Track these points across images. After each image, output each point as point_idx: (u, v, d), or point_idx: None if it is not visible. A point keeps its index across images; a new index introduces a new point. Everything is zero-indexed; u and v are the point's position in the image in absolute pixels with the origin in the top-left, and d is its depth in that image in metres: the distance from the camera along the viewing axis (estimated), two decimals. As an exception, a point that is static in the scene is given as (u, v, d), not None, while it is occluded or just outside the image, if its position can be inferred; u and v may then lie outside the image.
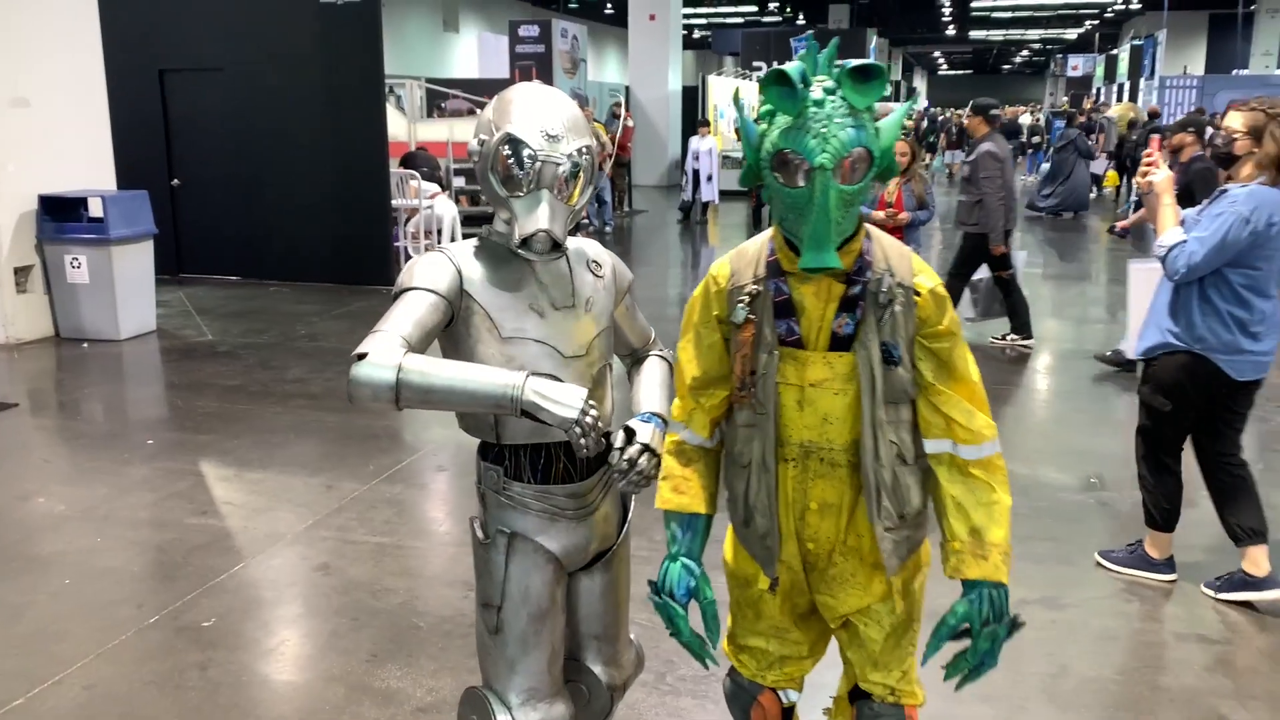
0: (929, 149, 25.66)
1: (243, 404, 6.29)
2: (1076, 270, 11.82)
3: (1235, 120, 3.66)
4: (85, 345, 7.81)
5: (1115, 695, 3.18)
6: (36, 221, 7.81)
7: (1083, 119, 20.62)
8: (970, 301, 7.56)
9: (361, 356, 1.83)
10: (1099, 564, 4.07)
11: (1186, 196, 5.56)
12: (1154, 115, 17.89)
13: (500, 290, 1.99)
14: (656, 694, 3.18)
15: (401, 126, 13.01)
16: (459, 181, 13.38)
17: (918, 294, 1.87)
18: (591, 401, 1.87)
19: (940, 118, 32.52)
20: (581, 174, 1.98)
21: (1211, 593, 3.80)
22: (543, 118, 1.95)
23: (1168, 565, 3.93)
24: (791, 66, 1.75)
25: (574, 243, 2.13)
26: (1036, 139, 23.97)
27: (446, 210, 11.33)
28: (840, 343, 1.87)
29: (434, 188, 11.47)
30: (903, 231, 6.44)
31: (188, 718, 3.06)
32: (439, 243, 10.86)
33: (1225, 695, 3.17)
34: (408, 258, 11.26)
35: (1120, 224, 7.99)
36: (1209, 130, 6.82)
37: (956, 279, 7.39)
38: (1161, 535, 3.93)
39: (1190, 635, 3.54)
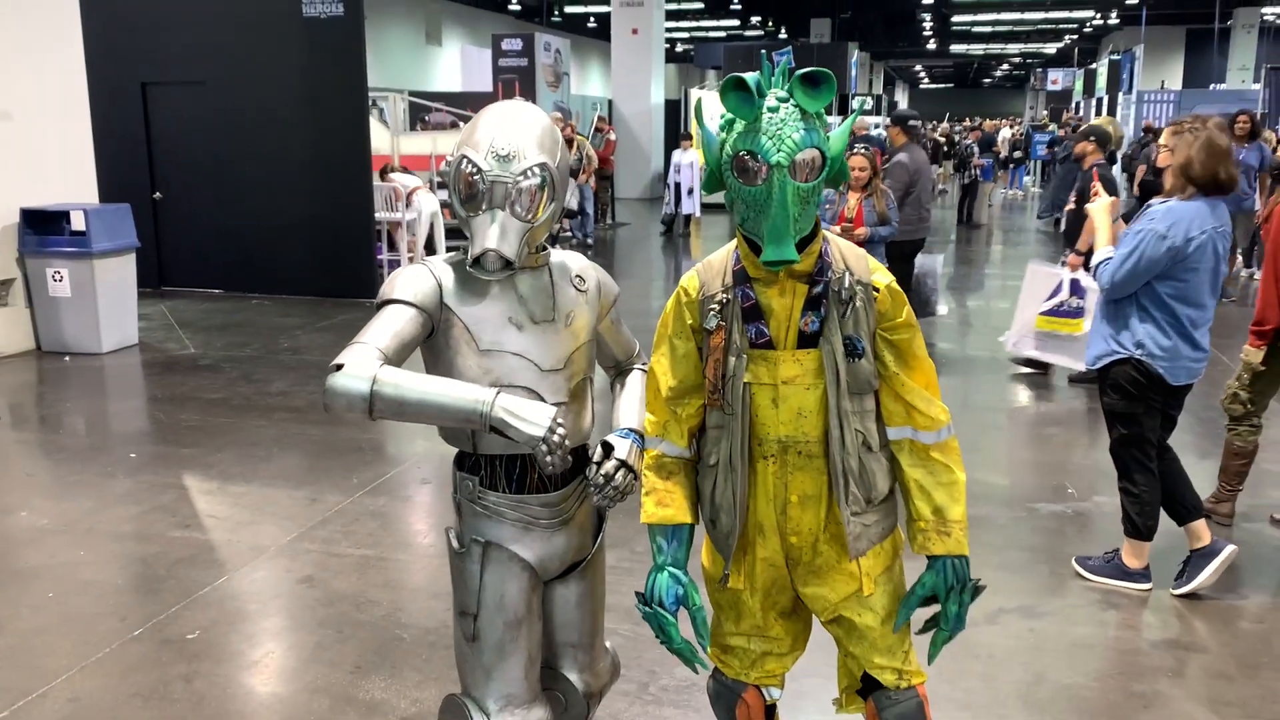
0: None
1: (226, 417, 6.29)
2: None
3: (1164, 136, 3.97)
4: (67, 359, 7.80)
5: (1091, 702, 3.23)
6: (18, 234, 7.80)
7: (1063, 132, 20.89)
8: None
9: (339, 367, 1.87)
10: (1076, 572, 4.12)
11: (1085, 200, 5.94)
12: (1149, 130, 18.13)
13: (479, 303, 2.04)
14: (639, 704, 3.21)
15: (384, 139, 13.02)
16: (442, 195, 13.40)
17: (876, 290, 2.01)
18: (560, 420, 1.91)
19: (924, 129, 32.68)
20: (542, 191, 2.02)
21: (1175, 590, 3.91)
22: (497, 138, 1.99)
23: (1144, 575, 3.99)
24: (749, 75, 1.86)
25: (558, 257, 2.17)
26: (1018, 153, 24.13)
27: (426, 204, 11.34)
28: (807, 340, 1.98)
29: (416, 181, 11.49)
30: (866, 247, 6.48)
31: (172, 730, 3.08)
32: (420, 237, 10.97)
33: (1199, 701, 3.23)
34: (391, 270, 11.29)
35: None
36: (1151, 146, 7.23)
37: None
38: (1141, 544, 3.98)
39: (1165, 642, 3.60)
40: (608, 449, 2.09)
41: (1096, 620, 3.76)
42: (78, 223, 7.83)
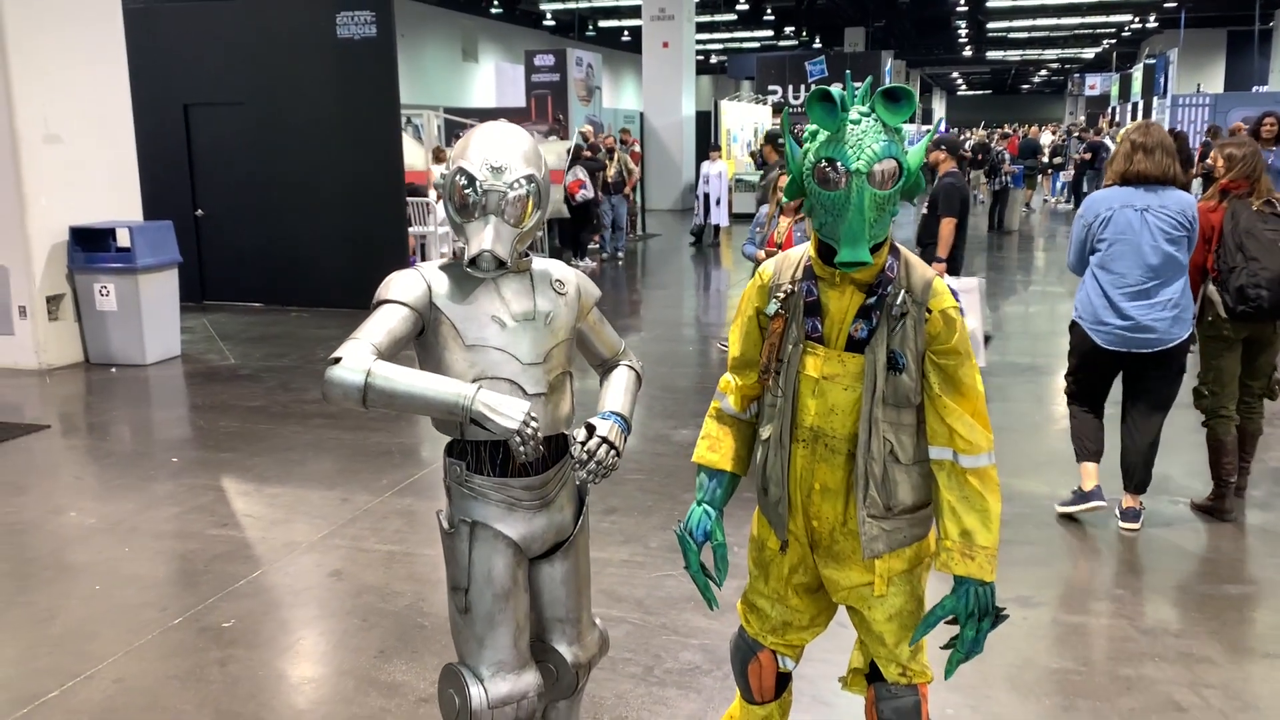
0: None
1: (263, 424, 6.56)
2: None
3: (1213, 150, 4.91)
4: (113, 370, 8.13)
5: (1076, 685, 3.36)
6: (67, 252, 8.15)
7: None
8: None
9: (337, 360, 2.09)
10: (1058, 513, 4.78)
11: (933, 207, 7.34)
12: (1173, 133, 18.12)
13: (465, 303, 2.25)
14: (644, 685, 3.39)
15: (419, 156, 13.36)
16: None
17: (929, 312, 2.10)
18: (533, 414, 2.12)
19: (962, 136, 32.55)
20: (530, 199, 2.24)
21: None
22: (489, 152, 2.22)
23: (1095, 494, 4.65)
24: (833, 89, 2.03)
25: (540, 264, 2.39)
26: (1059, 159, 24.04)
27: None
28: (855, 345, 2.12)
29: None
30: None
31: (209, 708, 3.30)
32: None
33: (1181, 684, 3.35)
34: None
35: None
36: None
37: None
38: (1086, 466, 4.72)
39: (1154, 630, 3.72)
40: (590, 429, 2.29)
41: (1089, 610, 3.90)
42: (123, 240, 8.17)
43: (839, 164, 2.00)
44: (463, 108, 22.24)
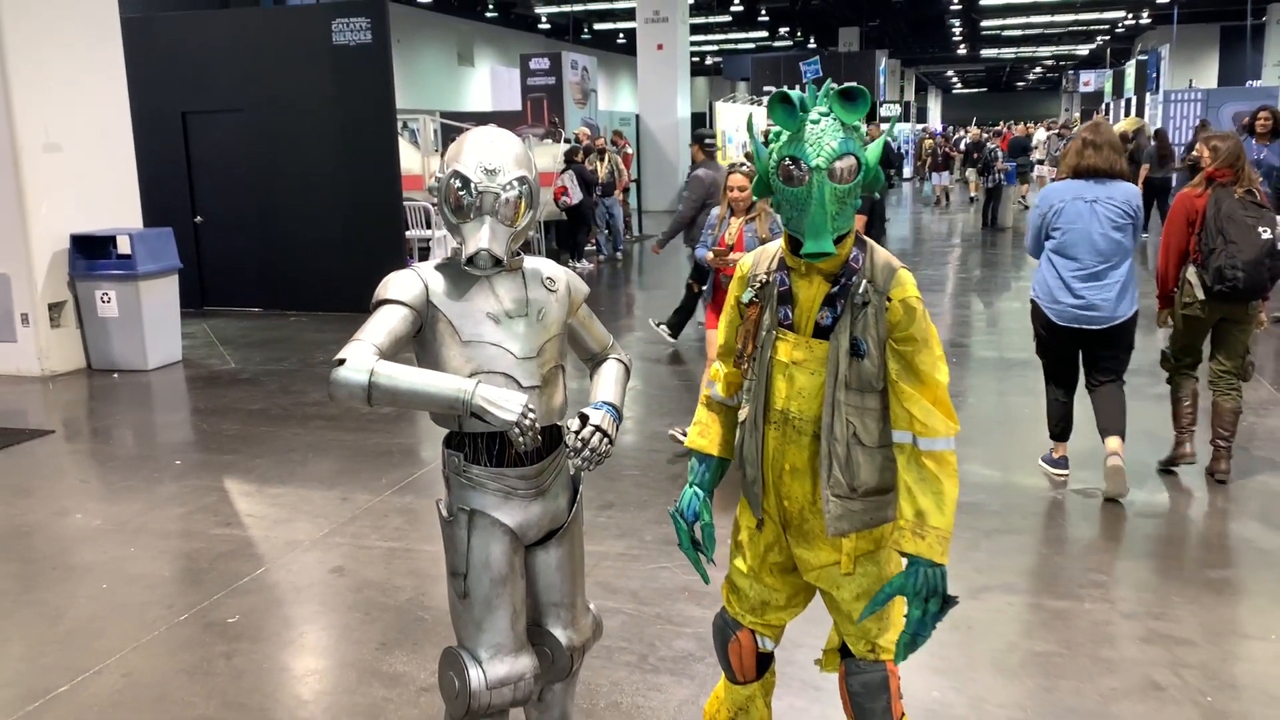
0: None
1: (264, 426, 6.66)
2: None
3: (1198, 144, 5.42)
4: (115, 375, 8.22)
5: (1058, 667, 3.46)
6: (69, 259, 8.25)
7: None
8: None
9: (341, 361, 2.19)
10: (1041, 466, 5.38)
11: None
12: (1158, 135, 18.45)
13: (461, 301, 2.35)
14: (639, 673, 3.48)
15: (415, 160, 13.45)
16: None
17: (890, 300, 2.20)
18: (530, 407, 2.22)
19: (957, 135, 32.61)
20: (522, 200, 2.35)
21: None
22: (483, 156, 2.33)
23: (1060, 463, 5.29)
24: (793, 92, 2.16)
25: (531, 262, 2.49)
26: (1039, 156, 24.16)
27: None
28: (821, 332, 2.23)
29: None
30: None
31: (216, 699, 3.40)
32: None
33: (1162, 665, 3.45)
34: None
35: None
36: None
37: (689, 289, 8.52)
38: (1056, 444, 5.31)
39: (1137, 613, 3.82)
40: (584, 419, 2.40)
41: (1073, 595, 3.99)
42: (124, 247, 8.27)
43: (801, 161, 2.12)
44: (459, 112, 22.34)
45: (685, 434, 5.57)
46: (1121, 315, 4.84)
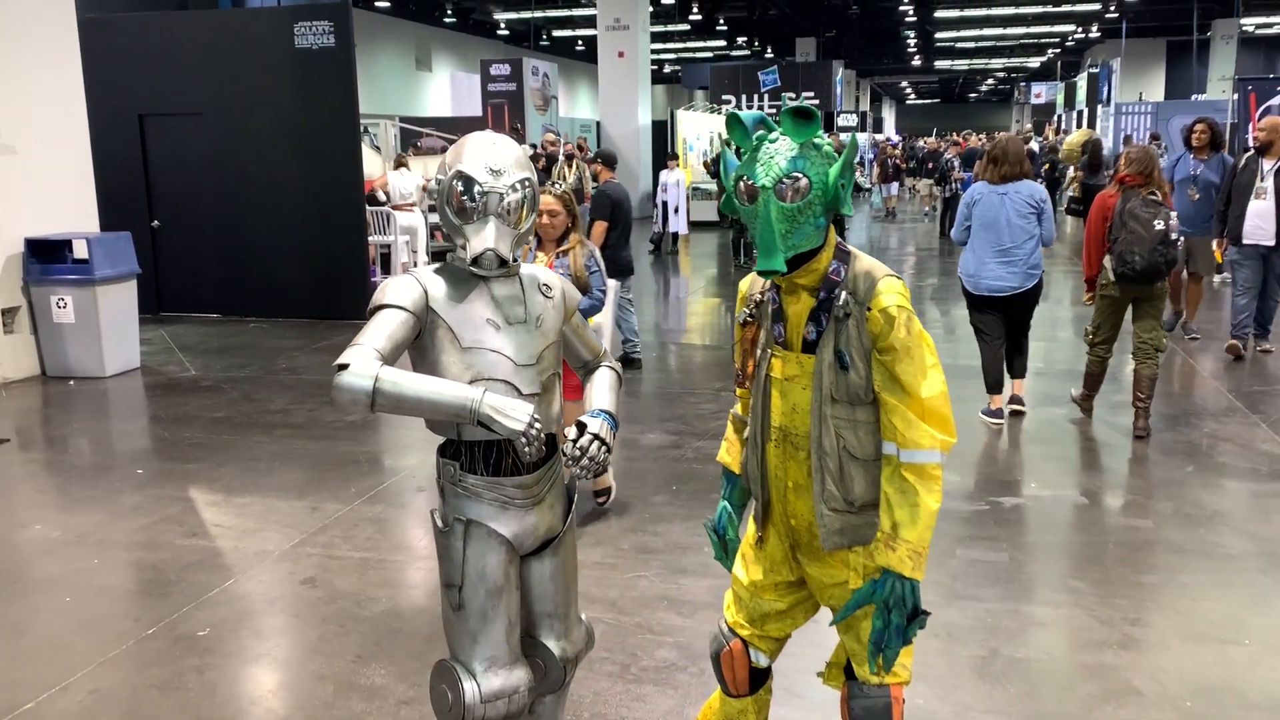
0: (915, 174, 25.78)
1: (228, 435, 6.54)
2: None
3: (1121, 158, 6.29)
4: (71, 383, 8.04)
5: (1040, 674, 3.48)
6: (23, 263, 8.06)
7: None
8: None
9: (344, 366, 2.14)
10: (981, 418, 6.42)
11: (598, 208, 8.17)
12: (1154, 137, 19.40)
13: (461, 307, 2.31)
14: (621, 683, 3.45)
15: (376, 165, 13.34)
16: (434, 217, 13.75)
17: (869, 310, 2.18)
18: (537, 415, 2.19)
19: (916, 143, 32.86)
20: (525, 202, 2.33)
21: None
22: (488, 157, 2.30)
23: (996, 414, 6.43)
24: (746, 113, 2.19)
25: (527, 269, 2.45)
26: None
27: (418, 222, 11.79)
28: (809, 346, 2.23)
29: (414, 190, 11.91)
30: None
31: (188, 715, 3.31)
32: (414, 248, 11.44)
33: (1138, 670, 3.48)
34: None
35: None
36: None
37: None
38: (992, 396, 6.43)
39: (1114, 619, 3.85)
40: (581, 427, 2.36)
41: (1050, 601, 4.02)
42: (80, 251, 8.10)
43: (751, 181, 2.14)
44: (418, 117, 22.19)
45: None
46: (1027, 286, 6.14)
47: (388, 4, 27.96)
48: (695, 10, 31.17)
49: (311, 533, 4.84)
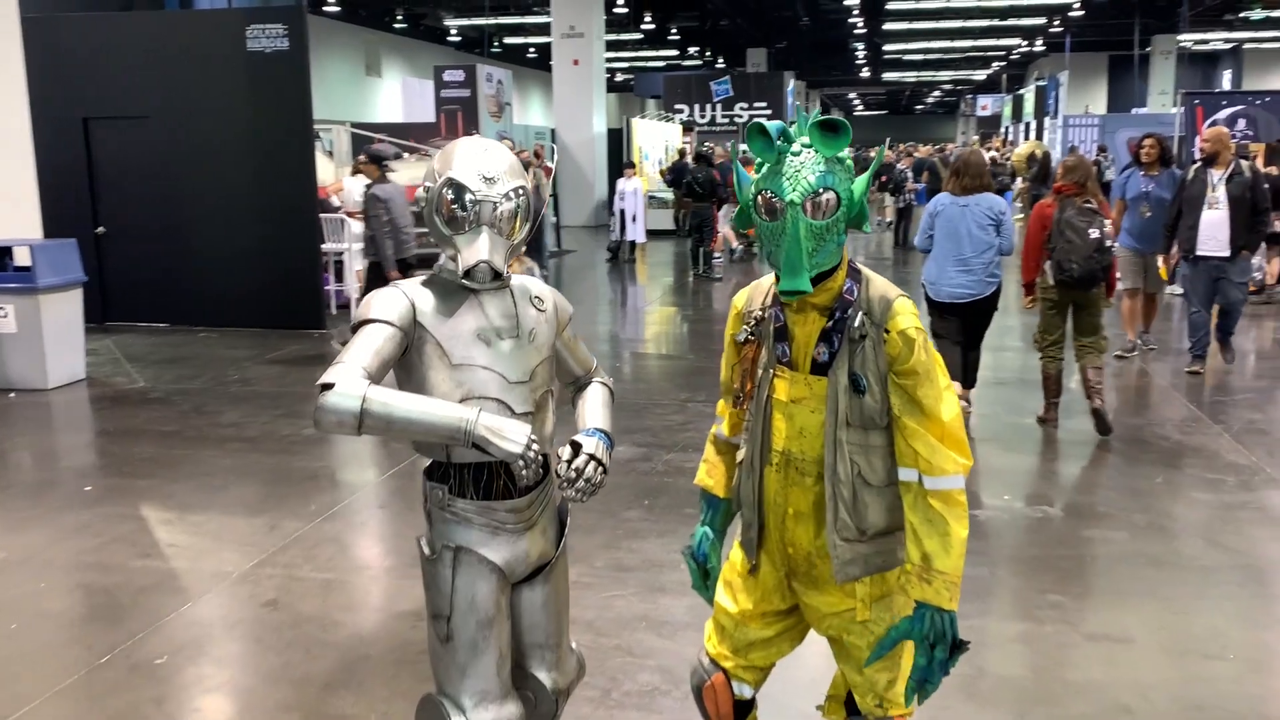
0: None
1: (180, 449, 6.31)
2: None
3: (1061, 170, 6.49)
4: (12, 395, 7.74)
5: (1028, 692, 3.42)
6: (-39, 271, 7.76)
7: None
8: None
9: (328, 386, 2.00)
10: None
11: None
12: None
13: (450, 321, 2.17)
14: (603, 708, 3.33)
15: (329, 171, 13.10)
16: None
17: (887, 333, 2.09)
18: (534, 436, 2.07)
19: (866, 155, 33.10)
20: (519, 211, 2.21)
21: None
22: (480, 164, 2.18)
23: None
24: (770, 123, 2.04)
25: (519, 280, 2.33)
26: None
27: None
28: (820, 368, 2.12)
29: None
30: None
31: (146, 750, 3.14)
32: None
33: (1127, 687, 3.43)
34: (339, 301, 11.34)
35: None
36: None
37: None
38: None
39: (1098, 635, 3.81)
40: (576, 447, 2.24)
41: (1034, 617, 3.97)
42: (22, 258, 7.80)
43: (776, 196, 2.03)
44: (371, 123, 21.88)
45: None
46: (985, 293, 6.29)
47: (337, 9, 27.59)
48: (648, 19, 31.17)
49: (271, 552, 4.66)
